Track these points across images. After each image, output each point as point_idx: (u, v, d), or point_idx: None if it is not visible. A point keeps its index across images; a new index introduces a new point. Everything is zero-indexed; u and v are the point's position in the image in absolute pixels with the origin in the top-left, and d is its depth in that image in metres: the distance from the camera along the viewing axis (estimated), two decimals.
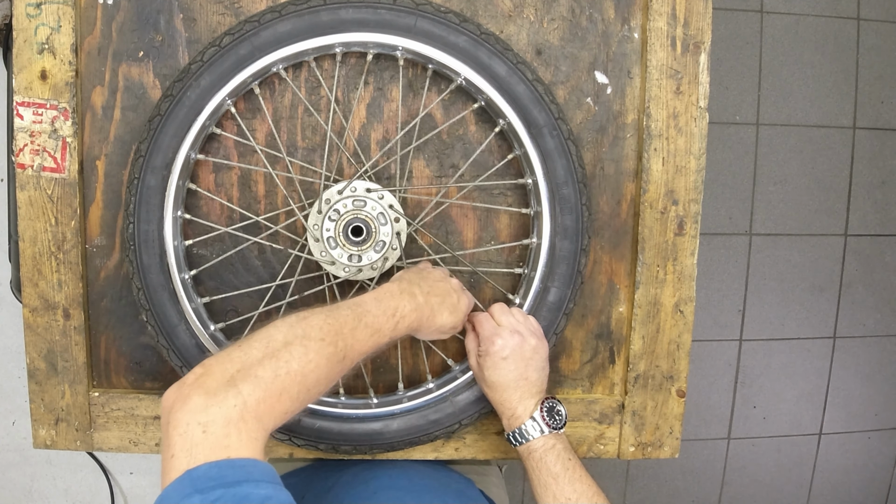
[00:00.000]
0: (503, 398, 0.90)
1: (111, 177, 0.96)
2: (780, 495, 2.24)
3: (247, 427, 0.58)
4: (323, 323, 0.70)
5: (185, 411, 0.58)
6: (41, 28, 0.91)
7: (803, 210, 2.12)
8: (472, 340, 0.94)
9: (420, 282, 0.85)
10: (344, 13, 0.88)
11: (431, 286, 0.85)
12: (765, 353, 2.17)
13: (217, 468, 0.55)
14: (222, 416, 0.57)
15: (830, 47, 2.07)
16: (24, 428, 1.94)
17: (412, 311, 0.81)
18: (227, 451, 0.56)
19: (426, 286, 0.85)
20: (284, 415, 0.63)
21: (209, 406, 0.58)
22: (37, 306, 0.96)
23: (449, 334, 0.90)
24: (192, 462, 0.55)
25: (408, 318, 0.80)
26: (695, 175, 0.98)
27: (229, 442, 0.57)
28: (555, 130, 0.91)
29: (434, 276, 0.88)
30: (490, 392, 0.92)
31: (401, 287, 0.82)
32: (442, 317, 0.85)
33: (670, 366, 1.02)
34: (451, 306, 0.86)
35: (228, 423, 0.57)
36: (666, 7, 0.95)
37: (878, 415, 2.23)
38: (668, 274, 1.00)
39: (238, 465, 0.56)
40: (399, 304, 0.80)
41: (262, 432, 0.60)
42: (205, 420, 0.57)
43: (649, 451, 1.04)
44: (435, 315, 0.84)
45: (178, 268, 0.92)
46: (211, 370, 0.62)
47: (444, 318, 0.85)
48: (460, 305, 0.88)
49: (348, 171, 0.96)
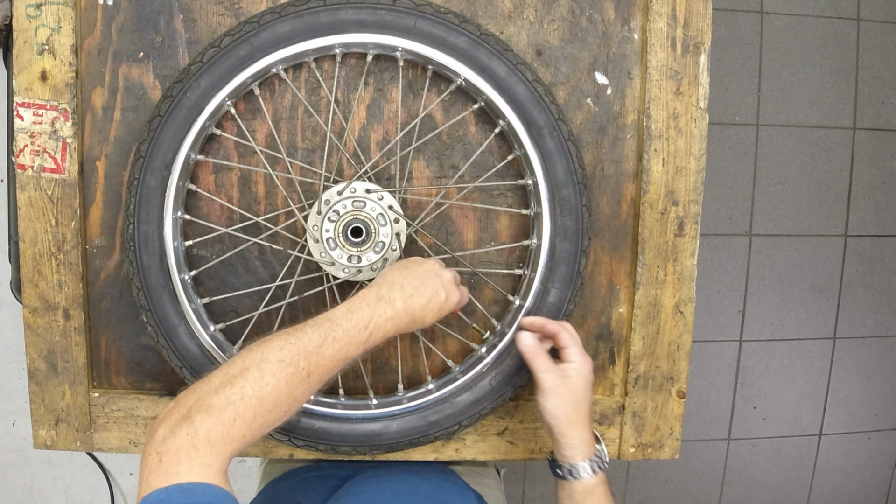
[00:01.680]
0: (567, 429, 0.85)
1: (111, 177, 0.96)
2: (780, 496, 2.24)
3: (198, 454, 0.62)
4: (284, 344, 0.72)
5: (150, 443, 0.63)
6: (41, 29, 0.91)
7: (803, 210, 2.12)
8: (543, 360, 0.87)
9: (403, 283, 0.82)
10: (343, 14, 0.88)
11: (415, 288, 0.82)
12: (765, 353, 2.17)
13: (166, 493, 0.59)
14: (174, 446, 0.62)
15: (830, 47, 2.07)
16: (24, 428, 1.94)
17: (388, 320, 0.79)
18: (177, 476, 0.61)
19: (409, 288, 0.82)
20: (243, 438, 0.66)
21: (166, 437, 0.63)
22: (37, 307, 0.96)
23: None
24: (147, 489, 0.60)
25: (383, 328, 0.79)
26: (695, 176, 0.98)
27: (180, 469, 0.61)
28: (555, 131, 0.91)
29: (421, 273, 0.84)
30: (557, 419, 0.85)
31: (378, 294, 0.80)
32: (426, 319, 0.83)
33: (670, 366, 1.02)
34: (437, 307, 0.83)
35: (179, 451, 0.62)
36: (666, 8, 0.95)
37: (878, 415, 2.23)
38: (669, 275, 1.00)
39: (186, 488, 0.60)
40: (374, 314, 0.78)
41: (217, 458, 0.63)
42: (161, 450, 0.62)
43: (649, 451, 1.04)
44: (416, 321, 0.82)
45: (178, 268, 0.92)
46: (177, 403, 0.67)
47: (430, 320, 0.83)
48: (448, 303, 0.85)
49: (348, 171, 0.96)
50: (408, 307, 0.81)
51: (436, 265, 0.86)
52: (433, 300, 0.83)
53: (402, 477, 0.98)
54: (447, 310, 0.85)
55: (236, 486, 1.16)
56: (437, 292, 0.84)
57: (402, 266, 0.85)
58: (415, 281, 0.83)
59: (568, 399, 0.85)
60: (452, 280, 0.87)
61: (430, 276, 0.84)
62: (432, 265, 0.86)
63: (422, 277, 0.84)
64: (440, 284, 0.84)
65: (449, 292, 0.85)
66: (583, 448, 0.85)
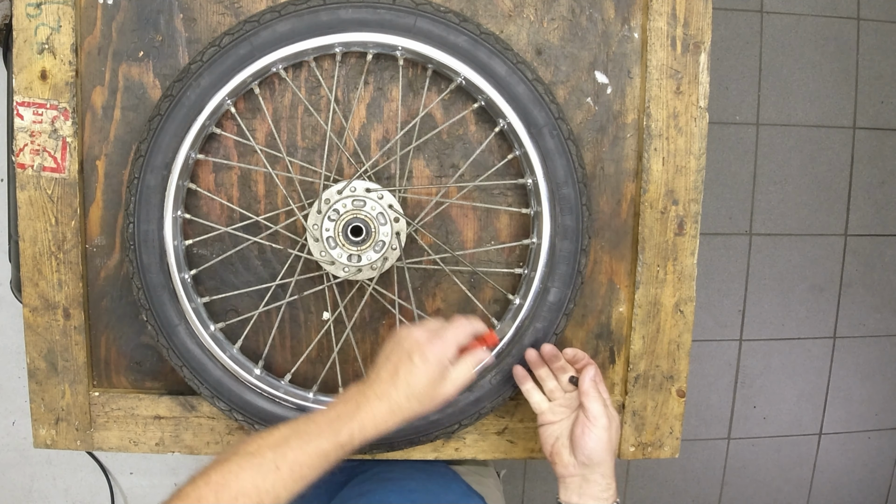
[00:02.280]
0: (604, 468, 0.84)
1: (111, 177, 0.96)
2: (780, 495, 2.24)
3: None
4: (256, 437, 0.73)
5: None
6: (41, 28, 0.91)
7: (803, 210, 2.12)
8: (602, 397, 0.86)
9: (390, 370, 0.77)
10: (343, 13, 0.88)
11: (406, 374, 0.77)
12: (765, 353, 2.16)
13: None
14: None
15: (830, 47, 2.07)
16: (24, 428, 1.94)
17: (369, 414, 0.75)
18: None
19: (401, 376, 0.77)
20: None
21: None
22: (37, 306, 0.96)
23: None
24: None
25: (361, 423, 0.75)
26: (695, 175, 0.98)
27: None
28: (555, 130, 0.91)
29: (418, 369, 0.77)
30: (598, 454, 0.84)
31: (361, 387, 0.77)
32: (424, 408, 0.78)
33: (670, 366, 1.02)
34: (439, 397, 0.78)
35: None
36: (666, 7, 0.95)
37: (878, 415, 2.23)
38: (669, 274, 1.00)
39: None
40: (347, 409, 0.75)
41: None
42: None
43: (649, 451, 1.04)
44: (411, 411, 0.77)
45: (177, 267, 0.92)
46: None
47: (431, 406, 0.79)
48: (450, 389, 0.79)
49: (348, 170, 0.96)
50: (390, 393, 0.77)
51: (435, 348, 0.78)
52: (434, 393, 0.78)
53: (410, 475, 0.98)
54: (453, 392, 0.80)
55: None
56: (433, 383, 0.78)
57: (391, 348, 0.80)
58: (405, 346, 0.78)
59: (614, 437, 0.85)
60: (443, 361, 0.78)
61: (428, 365, 0.77)
62: (432, 351, 0.78)
63: (414, 341, 0.78)
64: (436, 377, 0.78)
65: (455, 380, 0.79)
66: (612, 489, 0.85)
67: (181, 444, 1.00)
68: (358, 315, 0.99)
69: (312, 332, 1.00)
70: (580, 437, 0.84)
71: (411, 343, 0.78)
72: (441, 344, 0.79)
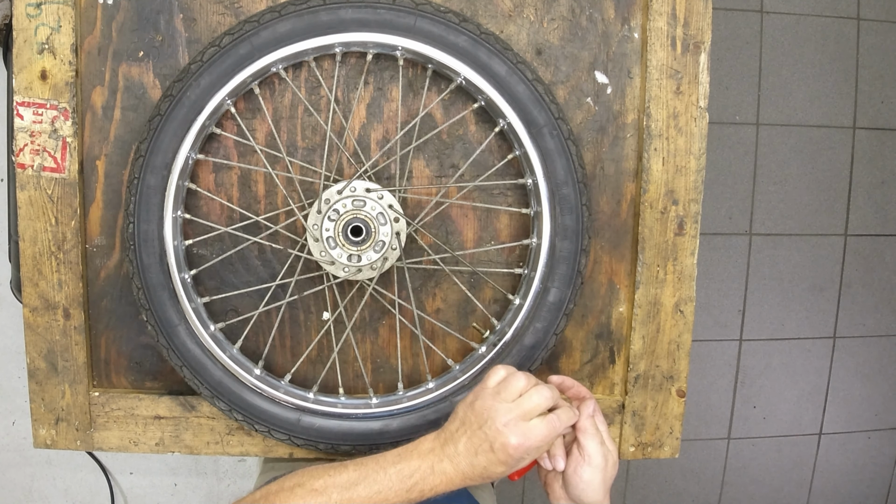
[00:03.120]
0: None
1: (111, 177, 0.96)
2: (780, 495, 2.24)
3: None
4: (322, 473, 0.74)
5: None
6: (41, 28, 0.91)
7: (803, 210, 2.12)
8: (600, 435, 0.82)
9: (470, 431, 0.74)
10: (343, 13, 0.88)
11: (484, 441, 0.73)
12: (765, 353, 2.16)
13: None
14: None
15: (830, 47, 2.07)
16: (24, 428, 1.94)
17: (438, 475, 0.73)
18: None
19: (476, 440, 0.73)
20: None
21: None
22: (37, 306, 0.96)
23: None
24: None
25: (430, 482, 0.73)
26: (695, 175, 0.98)
27: None
28: (555, 130, 0.91)
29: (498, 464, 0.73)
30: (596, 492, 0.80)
31: (433, 445, 0.75)
32: (492, 476, 0.74)
33: (670, 366, 1.02)
34: (508, 466, 0.74)
35: None
36: (666, 7, 0.95)
37: (878, 415, 2.23)
38: (668, 274, 1.00)
39: None
40: (422, 465, 0.74)
41: None
42: None
43: (649, 451, 1.04)
44: (479, 478, 0.74)
45: (178, 267, 0.92)
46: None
47: (499, 474, 0.74)
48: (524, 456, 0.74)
49: (348, 171, 0.96)
50: (465, 466, 0.74)
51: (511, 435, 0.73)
52: (502, 460, 0.73)
53: None
54: (523, 465, 0.75)
55: (236, 485, 1.16)
56: (507, 447, 0.72)
57: (479, 405, 0.75)
58: (487, 432, 0.73)
59: (610, 475, 0.81)
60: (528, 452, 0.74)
61: (503, 451, 0.73)
62: (505, 432, 0.73)
63: (498, 429, 0.73)
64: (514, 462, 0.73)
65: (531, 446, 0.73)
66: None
67: (181, 444, 1.00)
68: (358, 315, 0.99)
69: (312, 333, 1.00)
70: (572, 475, 0.79)
71: (495, 427, 0.73)
72: (527, 441, 0.73)
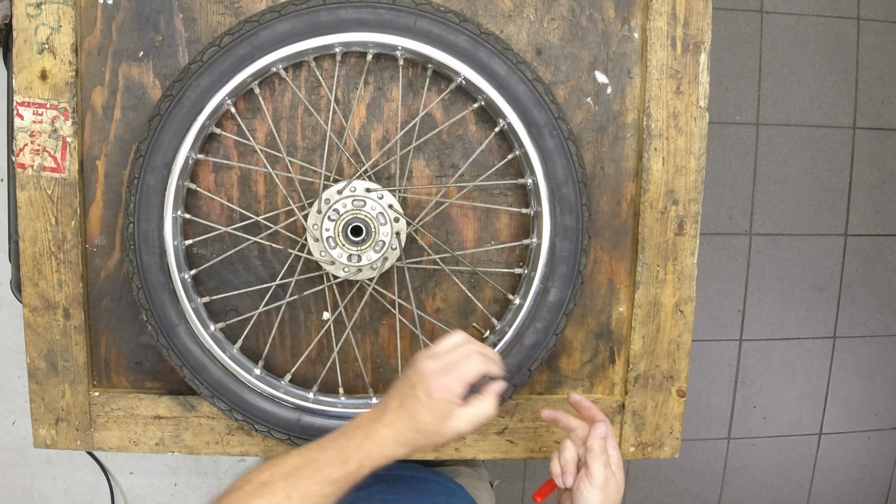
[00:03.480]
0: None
1: (111, 176, 0.96)
2: (780, 495, 2.24)
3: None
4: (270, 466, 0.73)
5: None
6: (41, 28, 0.91)
7: (803, 210, 2.12)
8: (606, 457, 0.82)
9: (403, 394, 0.75)
10: (343, 13, 0.88)
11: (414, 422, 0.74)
12: (765, 353, 2.17)
13: None
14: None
15: (830, 47, 2.07)
16: (24, 428, 1.94)
17: (383, 440, 0.74)
18: None
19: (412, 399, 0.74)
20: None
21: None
22: (37, 306, 0.96)
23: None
24: None
25: (377, 449, 0.74)
26: (695, 175, 0.98)
27: None
28: (555, 130, 0.91)
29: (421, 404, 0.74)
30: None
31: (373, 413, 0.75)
32: (434, 442, 0.75)
33: (670, 366, 1.02)
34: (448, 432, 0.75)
35: None
36: (666, 7, 0.95)
37: (878, 415, 2.23)
38: (668, 274, 1.00)
39: None
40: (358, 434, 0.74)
41: None
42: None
43: (649, 451, 1.04)
44: (427, 436, 0.75)
45: (177, 267, 0.92)
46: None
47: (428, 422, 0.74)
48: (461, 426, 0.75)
49: (348, 170, 0.96)
50: (396, 422, 0.74)
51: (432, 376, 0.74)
52: (432, 424, 0.74)
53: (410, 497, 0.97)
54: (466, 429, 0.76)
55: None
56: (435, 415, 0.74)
57: (406, 375, 0.77)
58: (413, 379, 0.75)
59: (613, 498, 0.82)
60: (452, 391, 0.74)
61: (425, 393, 0.74)
62: (427, 376, 0.74)
63: (422, 372, 0.75)
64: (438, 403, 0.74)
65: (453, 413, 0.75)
66: None
67: (181, 444, 1.00)
68: (358, 315, 0.99)
69: (312, 332, 1.00)
70: (576, 493, 0.82)
71: (419, 375, 0.75)
72: (448, 381, 0.74)
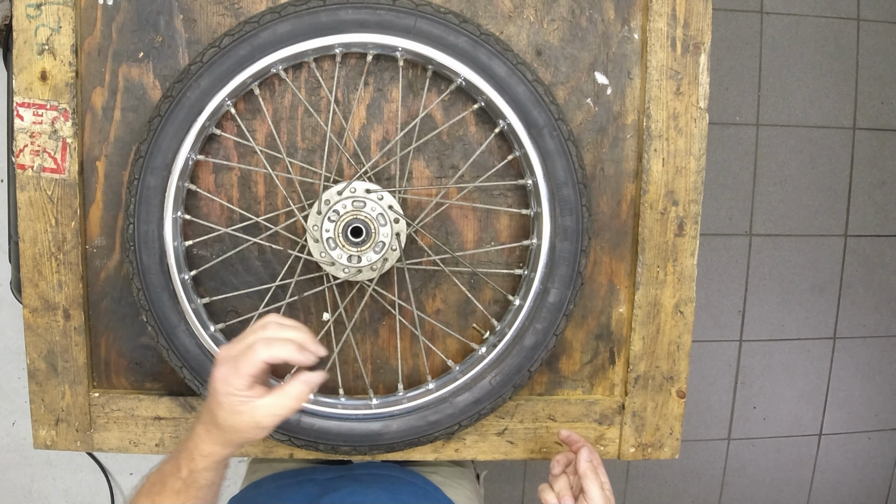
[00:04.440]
0: None
1: (111, 177, 0.96)
2: (780, 495, 2.24)
3: None
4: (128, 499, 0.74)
5: None
6: (41, 29, 0.91)
7: (803, 210, 2.12)
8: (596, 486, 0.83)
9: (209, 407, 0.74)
10: (343, 14, 0.88)
11: (211, 417, 0.73)
12: (765, 353, 2.16)
13: None
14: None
15: (830, 47, 2.07)
16: (24, 428, 1.94)
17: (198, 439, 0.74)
18: None
19: (207, 416, 0.74)
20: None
21: None
22: (37, 307, 0.96)
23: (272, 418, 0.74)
24: None
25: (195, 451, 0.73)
26: (695, 176, 0.98)
27: None
28: (555, 131, 0.91)
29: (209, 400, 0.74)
30: None
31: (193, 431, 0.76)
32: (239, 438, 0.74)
33: (670, 366, 1.02)
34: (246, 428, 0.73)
35: None
36: (666, 8, 0.95)
37: (878, 415, 2.23)
38: (669, 275, 1.00)
39: None
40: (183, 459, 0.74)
41: None
42: None
43: (649, 451, 1.04)
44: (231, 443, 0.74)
45: (178, 268, 0.92)
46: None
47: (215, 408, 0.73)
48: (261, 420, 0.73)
49: (348, 171, 0.96)
50: (203, 413, 0.74)
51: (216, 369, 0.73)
52: (225, 420, 0.72)
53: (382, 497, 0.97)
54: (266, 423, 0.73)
55: (236, 486, 1.16)
56: (224, 410, 0.72)
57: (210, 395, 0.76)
58: (210, 382, 0.74)
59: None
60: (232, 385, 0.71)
61: (210, 388, 0.73)
62: (213, 370, 0.73)
63: (212, 374, 0.73)
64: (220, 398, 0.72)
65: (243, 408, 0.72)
66: None
67: None
68: (358, 316, 0.99)
69: (312, 333, 0.99)
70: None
71: (212, 377, 0.73)
72: (225, 372, 0.72)
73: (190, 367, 0.93)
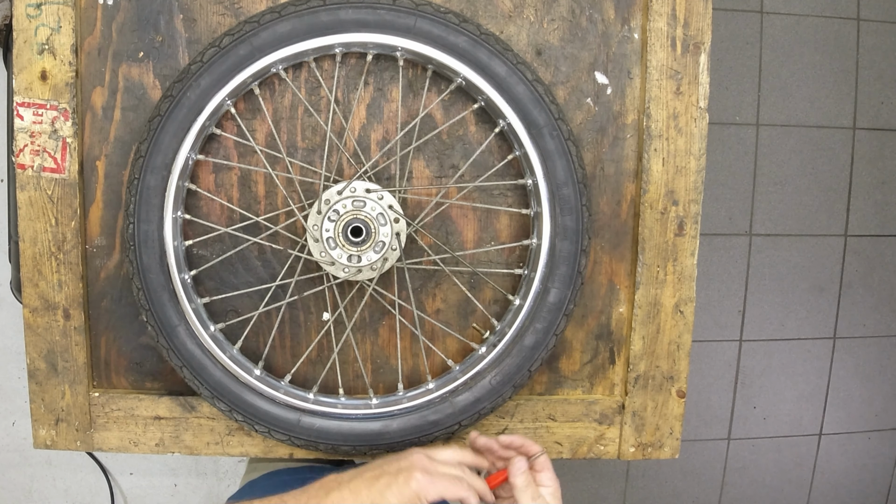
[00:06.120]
0: None
1: (111, 177, 0.96)
2: (780, 496, 2.24)
3: None
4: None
5: None
6: (41, 28, 0.91)
7: (803, 210, 2.12)
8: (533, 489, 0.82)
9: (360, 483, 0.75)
10: (343, 14, 0.88)
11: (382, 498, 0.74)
12: (765, 353, 2.17)
13: None
14: None
15: (830, 47, 2.07)
16: (24, 428, 1.94)
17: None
18: None
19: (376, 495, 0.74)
20: None
21: None
22: (37, 307, 0.96)
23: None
24: None
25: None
26: (695, 175, 0.98)
27: None
28: (555, 131, 0.91)
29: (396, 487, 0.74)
30: None
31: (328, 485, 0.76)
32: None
33: (670, 366, 1.02)
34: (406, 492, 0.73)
35: None
36: (666, 7, 0.95)
37: (878, 415, 2.23)
38: (669, 274, 1.00)
39: None
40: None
41: None
42: None
43: (649, 451, 1.04)
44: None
45: (178, 268, 0.92)
46: None
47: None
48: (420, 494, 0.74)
49: (348, 171, 0.96)
50: (362, 489, 0.75)
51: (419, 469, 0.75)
52: (400, 490, 0.74)
53: None
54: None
55: (236, 486, 1.16)
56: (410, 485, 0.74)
57: (395, 457, 0.78)
58: (400, 464, 0.76)
59: None
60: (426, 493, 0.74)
61: (405, 480, 0.74)
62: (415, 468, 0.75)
63: (411, 462, 0.76)
64: (409, 496, 0.73)
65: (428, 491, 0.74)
66: None
67: (181, 445, 1.00)
68: (358, 315, 0.99)
69: (312, 333, 1.00)
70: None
71: (410, 464, 0.76)
72: (428, 483, 0.74)
73: (190, 366, 0.93)
